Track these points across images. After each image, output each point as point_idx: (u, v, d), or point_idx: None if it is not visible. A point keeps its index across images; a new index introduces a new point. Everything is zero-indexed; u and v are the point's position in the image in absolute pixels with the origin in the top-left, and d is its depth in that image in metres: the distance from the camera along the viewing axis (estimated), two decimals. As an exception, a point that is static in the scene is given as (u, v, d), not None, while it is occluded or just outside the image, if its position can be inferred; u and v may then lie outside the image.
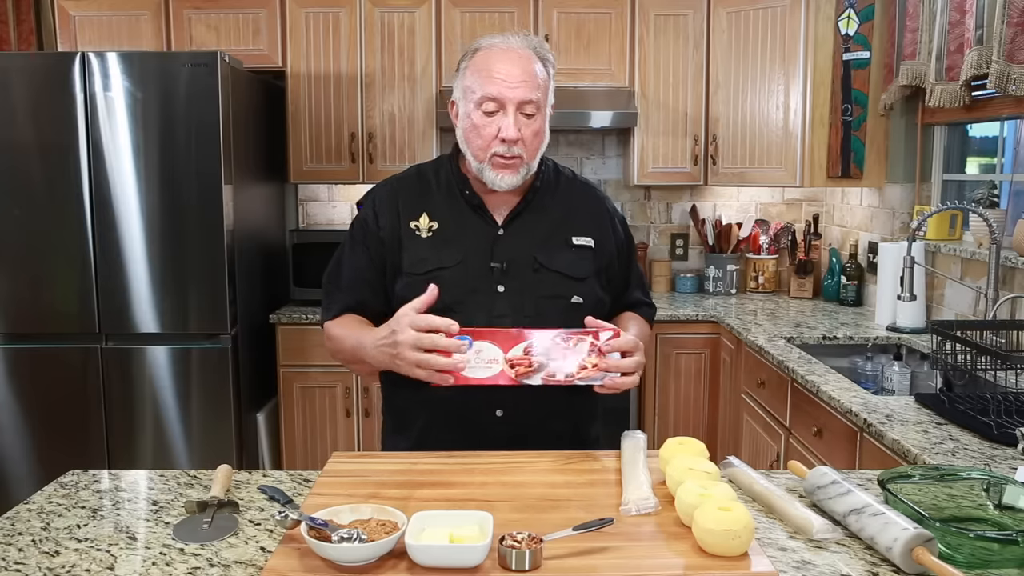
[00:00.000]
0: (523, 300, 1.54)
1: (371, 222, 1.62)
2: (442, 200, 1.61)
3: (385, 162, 3.59)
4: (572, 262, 1.58)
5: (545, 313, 1.52)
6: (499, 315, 1.52)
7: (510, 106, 1.49)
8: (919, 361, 2.68)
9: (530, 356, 1.38)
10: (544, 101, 1.54)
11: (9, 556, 1.15)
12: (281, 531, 1.19)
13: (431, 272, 1.54)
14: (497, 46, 1.53)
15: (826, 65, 3.29)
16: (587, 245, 1.60)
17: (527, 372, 1.38)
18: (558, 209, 1.62)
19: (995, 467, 1.53)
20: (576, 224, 1.62)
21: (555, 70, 1.59)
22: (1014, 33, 2.28)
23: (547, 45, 1.60)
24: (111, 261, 3.02)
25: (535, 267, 1.55)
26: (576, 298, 1.56)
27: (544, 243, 1.57)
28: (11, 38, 3.69)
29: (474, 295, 1.53)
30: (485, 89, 1.50)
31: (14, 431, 3.12)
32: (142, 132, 2.97)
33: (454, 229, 1.58)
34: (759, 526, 1.22)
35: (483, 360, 1.38)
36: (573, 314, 1.50)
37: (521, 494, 1.28)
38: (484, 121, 1.51)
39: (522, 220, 1.59)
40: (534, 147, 1.54)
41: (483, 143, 1.52)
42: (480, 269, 1.55)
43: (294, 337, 3.40)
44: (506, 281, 1.54)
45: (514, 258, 1.56)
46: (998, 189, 2.79)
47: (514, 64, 1.50)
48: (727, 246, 3.89)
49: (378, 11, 3.52)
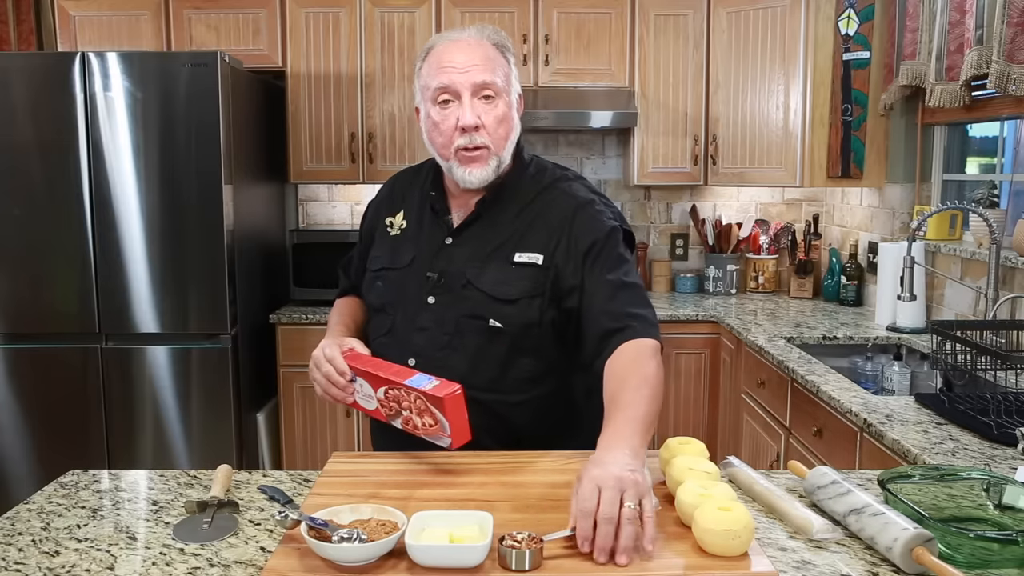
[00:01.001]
0: (446, 316, 1.47)
1: (367, 218, 1.68)
2: (418, 199, 1.59)
3: (385, 162, 3.59)
4: (502, 281, 1.45)
5: (463, 332, 1.46)
6: (422, 327, 1.49)
7: (464, 92, 1.43)
8: (919, 361, 2.68)
9: (389, 400, 1.37)
10: (505, 87, 1.46)
11: (9, 556, 1.15)
12: (281, 531, 1.19)
13: (380, 271, 1.56)
14: (447, 39, 1.49)
15: (826, 65, 3.29)
16: (531, 262, 1.46)
17: (389, 416, 1.40)
18: (514, 220, 1.50)
19: (995, 467, 1.53)
20: (527, 238, 1.48)
21: (515, 59, 1.53)
22: (1014, 33, 2.28)
23: (504, 34, 1.53)
24: (111, 261, 3.02)
25: (463, 283, 1.47)
26: (494, 322, 1.44)
27: (482, 258, 1.48)
28: (11, 38, 3.69)
29: (404, 302, 1.52)
30: (437, 80, 1.44)
31: (14, 431, 3.12)
32: (142, 132, 2.97)
33: (416, 231, 1.56)
34: (759, 526, 1.22)
35: (364, 394, 1.41)
36: (492, 337, 1.45)
37: (521, 494, 1.28)
38: (441, 115, 1.45)
39: (472, 231, 1.51)
40: (499, 135, 1.45)
41: (444, 139, 1.45)
42: (418, 276, 1.51)
43: (294, 337, 3.39)
44: (437, 293, 1.49)
45: (448, 270, 1.49)
46: (998, 189, 2.79)
47: (463, 51, 1.45)
48: (727, 246, 3.89)
49: (378, 11, 3.52)
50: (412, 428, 1.36)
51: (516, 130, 1.51)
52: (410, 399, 1.33)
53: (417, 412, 1.33)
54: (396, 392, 1.35)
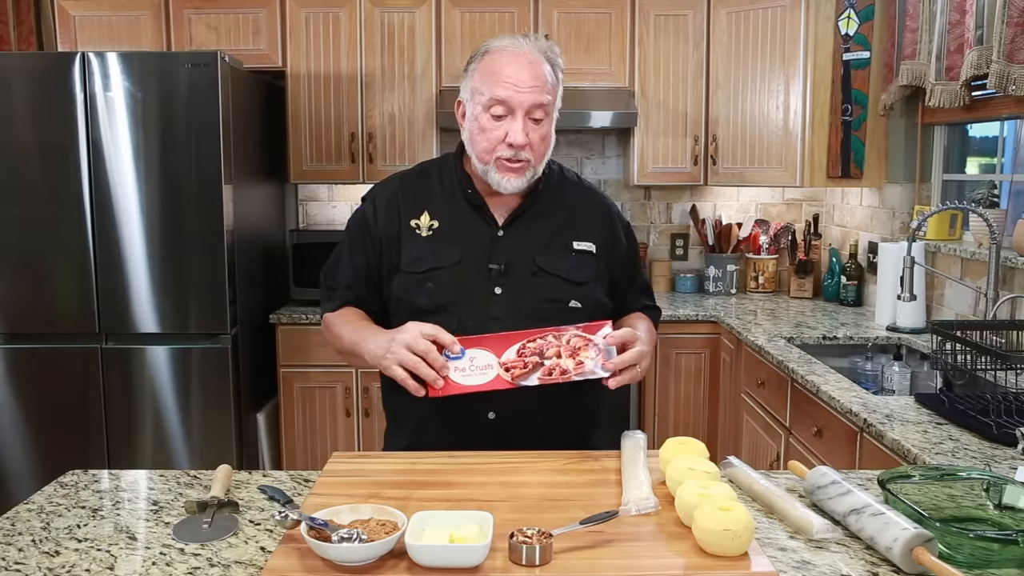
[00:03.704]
0: (520, 303, 1.53)
1: (370, 220, 1.62)
2: (444, 199, 1.60)
3: (385, 162, 3.59)
4: (572, 266, 1.57)
5: (542, 316, 1.51)
6: (494, 317, 1.51)
7: (519, 111, 1.49)
8: (919, 361, 2.68)
9: (524, 357, 1.37)
10: (553, 106, 1.54)
11: (9, 556, 1.15)
12: (281, 531, 1.19)
13: (428, 271, 1.54)
14: (508, 49, 1.51)
15: (826, 65, 3.29)
16: (588, 250, 1.59)
17: (523, 374, 1.37)
18: (560, 213, 1.61)
19: (995, 467, 1.53)
20: (578, 229, 1.61)
21: (564, 74, 1.59)
22: (1014, 33, 2.28)
23: (557, 50, 1.58)
24: (111, 261, 3.02)
25: (533, 270, 1.55)
26: (574, 302, 1.55)
27: (544, 246, 1.57)
28: (11, 38, 3.69)
29: (470, 296, 1.52)
30: (494, 92, 1.48)
31: (14, 431, 3.12)
32: (142, 132, 2.97)
33: (454, 229, 1.57)
34: (759, 526, 1.22)
35: (477, 367, 1.38)
36: (571, 318, 1.50)
37: (521, 494, 1.28)
38: (492, 124, 1.50)
39: (522, 222, 1.58)
40: (541, 152, 1.54)
41: (489, 146, 1.51)
42: (478, 270, 1.54)
43: (294, 337, 3.40)
44: (503, 283, 1.54)
45: (513, 260, 1.55)
46: (998, 189, 2.79)
47: (524, 68, 1.49)
48: (727, 246, 3.89)
49: (378, 11, 3.52)
50: (559, 375, 1.37)
51: (553, 143, 1.59)
52: (561, 342, 1.39)
53: (570, 354, 1.38)
54: (539, 343, 1.38)
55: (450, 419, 1.52)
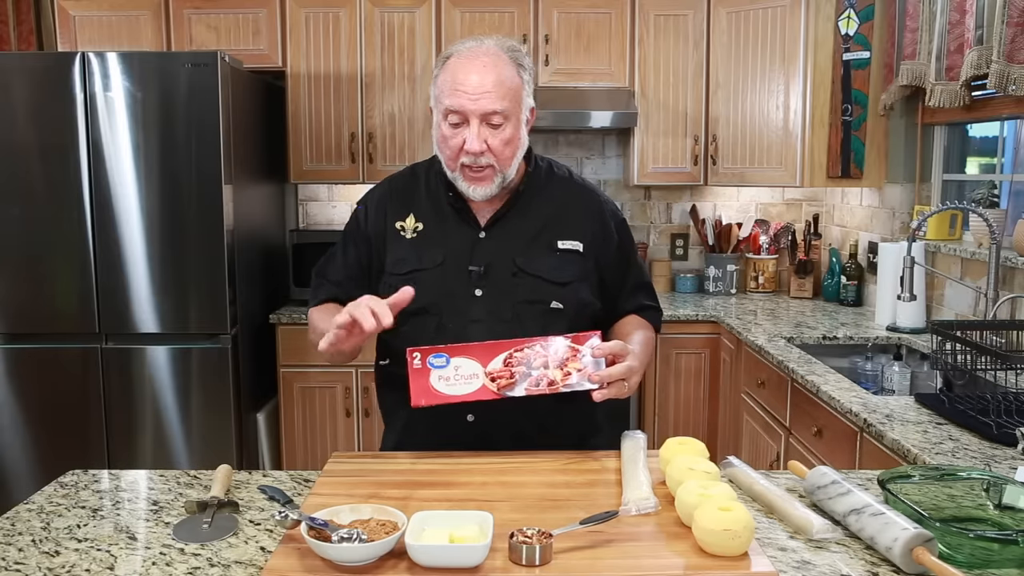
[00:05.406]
0: (500, 304, 1.52)
1: (362, 221, 1.64)
2: (430, 201, 1.60)
3: (385, 162, 3.59)
4: (555, 266, 1.55)
5: (523, 317, 1.50)
6: (475, 319, 1.51)
7: (473, 119, 1.46)
8: (919, 361, 2.68)
9: (511, 367, 1.36)
10: (513, 109, 1.49)
11: (9, 556, 1.15)
12: (281, 531, 1.19)
13: (410, 273, 1.54)
14: (465, 53, 1.49)
15: (826, 65, 3.29)
16: (574, 249, 1.57)
17: (509, 384, 1.36)
18: (545, 211, 1.59)
19: (995, 467, 1.53)
20: (564, 227, 1.58)
21: (531, 75, 1.55)
22: (1014, 33, 2.28)
23: (523, 49, 1.56)
24: (111, 261, 3.02)
25: (514, 271, 1.53)
26: (556, 303, 1.53)
27: (526, 247, 1.55)
28: (11, 38, 3.69)
29: (451, 298, 1.52)
30: (448, 101, 1.47)
31: (14, 431, 3.12)
32: (142, 132, 2.97)
33: (437, 230, 1.58)
34: (759, 526, 1.22)
35: (462, 376, 1.37)
36: (552, 319, 1.50)
37: (521, 494, 1.28)
38: (451, 132, 1.49)
39: (505, 223, 1.57)
40: (506, 156, 1.50)
41: (452, 154, 1.50)
42: (459, 272, 1.54)
43: (294, 337, 3.39)
44: (484, 285, 1.53)
45: (493, 262, 1.54)
46: (998, 189, 2.79)
47: (478, 73, 1.46)
48: (727, 246, 3.89)
49: (378, 11, 3.52)
50: (546, 387, 1.36)
51: (524, 146, 1.56)
52: (548, 352, 1.37)
53: (558, 365, 1.36)
54: (526, 352, 1.36)
55: (433, 421, 1.51)
